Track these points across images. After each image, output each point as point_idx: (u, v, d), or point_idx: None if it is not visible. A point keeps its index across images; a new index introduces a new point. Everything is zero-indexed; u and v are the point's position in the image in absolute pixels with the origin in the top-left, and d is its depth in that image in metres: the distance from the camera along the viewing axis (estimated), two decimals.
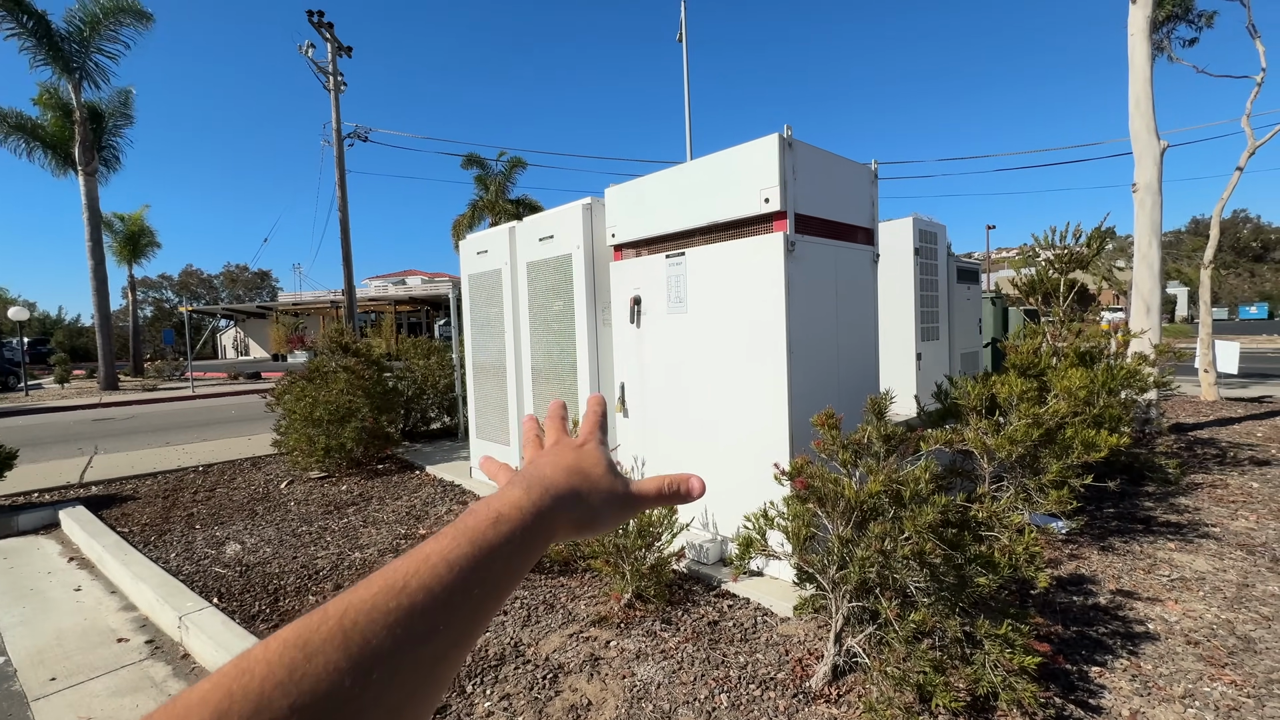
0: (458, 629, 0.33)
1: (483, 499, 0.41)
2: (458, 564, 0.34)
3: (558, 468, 0.46)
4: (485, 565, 0.35)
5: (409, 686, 0.30)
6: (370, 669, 0.28)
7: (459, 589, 0.33)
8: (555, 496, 0.43)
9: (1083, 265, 5.51)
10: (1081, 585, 3.15)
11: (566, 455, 0.49)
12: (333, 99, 17.67)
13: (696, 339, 3.54)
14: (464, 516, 0.38)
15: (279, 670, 0.26)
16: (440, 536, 0.36)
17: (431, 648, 0.31)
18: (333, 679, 0.27)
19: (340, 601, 0.30)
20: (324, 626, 0.28)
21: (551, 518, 0.41)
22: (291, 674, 0.26)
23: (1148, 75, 6.66)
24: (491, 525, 0.37)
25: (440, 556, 0.34)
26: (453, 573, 0.33)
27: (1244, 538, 3.67)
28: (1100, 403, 3.54)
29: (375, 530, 4.38)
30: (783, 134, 3.09)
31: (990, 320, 8.29)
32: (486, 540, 0.36)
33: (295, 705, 0.25)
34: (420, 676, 0.30)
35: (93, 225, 17.75)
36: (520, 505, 0.40)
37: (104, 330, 18.13)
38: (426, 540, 0.36)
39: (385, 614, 0.30)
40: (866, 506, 2.22)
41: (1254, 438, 6.26)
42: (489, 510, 0.39)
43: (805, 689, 2.31)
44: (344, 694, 0.27)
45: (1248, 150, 9.16)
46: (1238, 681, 2.32)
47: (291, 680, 0.26)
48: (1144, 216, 6.67)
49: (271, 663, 0.26)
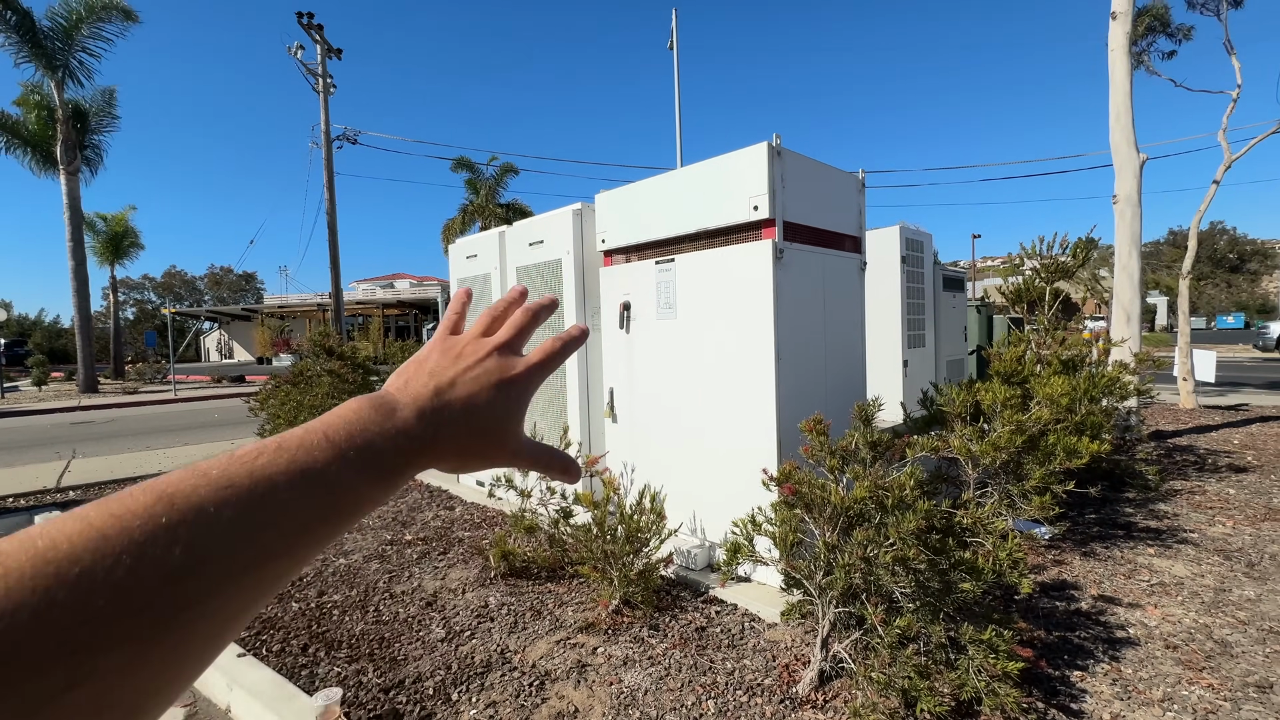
0: (252, 551, 0.29)
1: (327, 421, 0.35)
2: (259, 474, 0.30)
3: (427, 374, 0.41)
4: (301, 484, 0.31)
5: (189, 593, 0.26)
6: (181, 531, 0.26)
7: (252, 505, 0.29)
8: (420, 415, 0.38)
9: (1067, 275, 5.61)
10: (1064, 590, 3.18)
11: (444, 364, 0.42)
12: (322, 101, 17.57)
13: (685, 345, 3.55)
14: (290, 430, 0.34)
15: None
16: (247, 448, 0.32)
17: (213, 567, 0.27)
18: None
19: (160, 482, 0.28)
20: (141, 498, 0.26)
21: (403, 448, 0.37)
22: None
23: (1128, 90, 6.81)
24: (322, 442, 0.33)
25: (240, 463, 0.30)
26: (253, 484, 0.29)
27: (1221, 543, 3.73)
28: (1082, 410, 3.60)
29: (360, 536, 4.33)
30: (771, 143, 3.12)
31: (975, 328, 8.39)
32: (313, 458, 0.32)
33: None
34: (202, 588, 0.27)
35: (74, 225, 17.46)
36: (363, 422, 0.36)
37: (84, 332, 17.81)
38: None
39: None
40: (853, 512, 2.24)
41: (1231, 445, 6.38)
42: (319, 425, 0.35)
43: (792, 695, 2.31)
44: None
45: (1224, 164, 9.38)
46: (1215, 685, 2.36)
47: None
48: (1124, 227, 6.81)
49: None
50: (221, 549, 0.27)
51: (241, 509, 0.28)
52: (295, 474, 0.31)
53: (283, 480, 0.31)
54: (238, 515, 0.28)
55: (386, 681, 2.52)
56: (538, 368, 0.45)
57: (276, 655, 2.76)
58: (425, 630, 2.94)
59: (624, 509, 3.06)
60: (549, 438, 4.05)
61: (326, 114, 17.63)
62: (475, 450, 0.41)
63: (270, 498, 0.30)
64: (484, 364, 0.43)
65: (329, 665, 2.67)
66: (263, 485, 0.30)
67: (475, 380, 0.42)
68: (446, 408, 0.40)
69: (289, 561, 0.30)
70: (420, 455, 0.38)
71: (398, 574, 3.62)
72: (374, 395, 0.39)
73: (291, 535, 0.30)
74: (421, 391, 0.40)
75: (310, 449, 0.33)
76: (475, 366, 0.43)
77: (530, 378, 0.45)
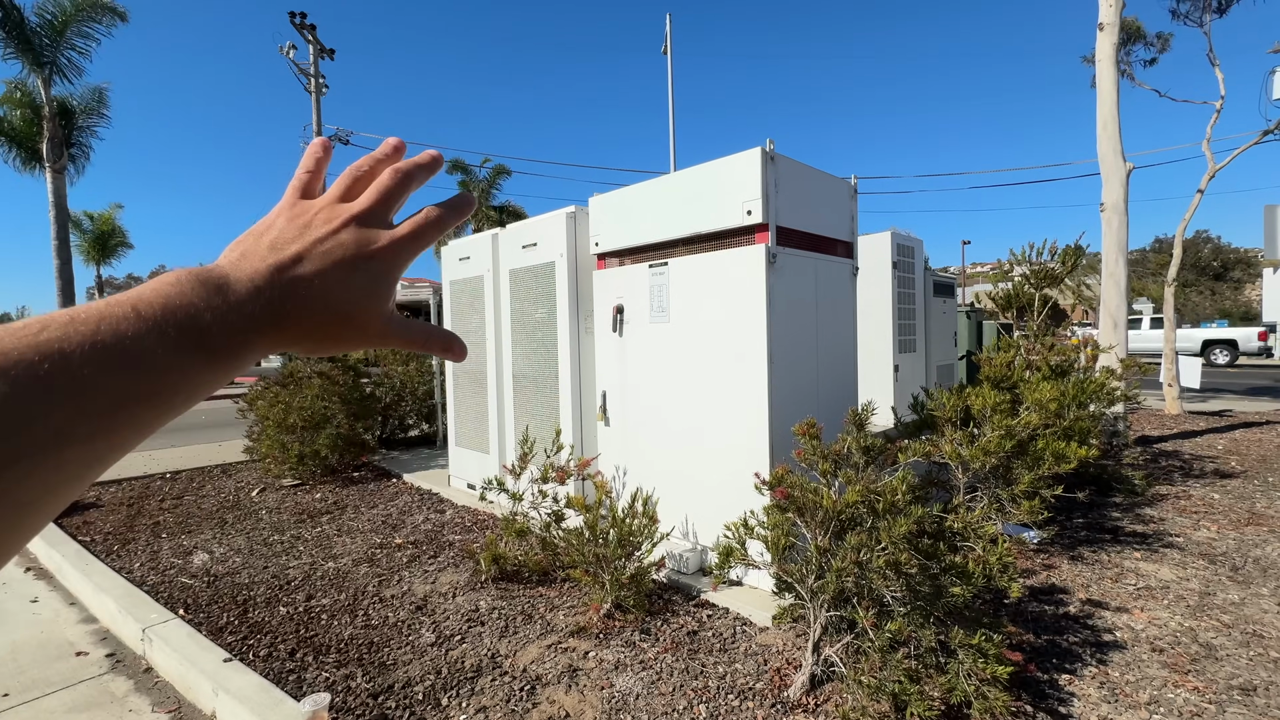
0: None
1: (138, 293, 0.31)
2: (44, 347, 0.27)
3: (266, 244, 0.36)
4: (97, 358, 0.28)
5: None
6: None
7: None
8: (253, 289, 0.34)
9: (1056, 281, 5.67)
10: (1053, 594, 3.21)
11: (288, 234, 0.37)
12: (314, 101, 17.48)
13: (678, 348, 3.55)
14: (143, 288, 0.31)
15: None
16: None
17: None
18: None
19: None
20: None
21: (236, 322, 0.33)
22: None
23: (1115, 100, 6.91)
24: (131, 317, 0.29)
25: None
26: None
27: (1206, 547, 3.78)
28: (1070, 415, 3.63)
29: (350, 539, 4.29)
30: (765, 148, 3.13)
31: (966, 333, 8.46)
32: (117, 330, 0.29)
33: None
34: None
35: (59, 224, 17.23)
36: (185, 296, 0.32)
37: None
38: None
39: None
40: (845, 516, 2.25)
41: (1215, 450, 6.46)
42: (129, 296, 0.31)
43: (783, 699, 2.31)
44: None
45: (1208, 173, 9.54)
46: (1200, 688, 2.38)
47: None
48: (1111, 235, 6.89)
49: None
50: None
51: (15, 385, 0.25)
52: (97, 350, 0.28)
53: (77, 356, 0.27)
54: (11, 392, 0.25)
55: (375, 686, 2.49)
56: (407, 240, 0.39)
57: (263, 660, 2.73)
58: (415, 635, 2.91)
59: (616, 512, 3.05)
60: (541, 440, 4.03)
61: (318, 114, 17.55)
62: (332, 334, 0.37)
63: (63, 375, 0.26)
64: (337, 236, 0.37)
65: (317, 670, 2.64)
66: (52, 361, 0.26)
67: (326, 255, 0.36)
68: (291, 287, 0.35)
69: (105, 445, 0.28)
70: (262, 337, 0.34)
71: (387, 578, 3.59)
72: (200, 269, 0.34)
73: (98, 416, 0.27)
74: (259, 267, 0.35)
75: (116, 322, 0.29)
76: (327, 239, 0.37)
77: (397, 254, 0.39)
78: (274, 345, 0.35)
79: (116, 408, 0.28)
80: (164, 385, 0.30)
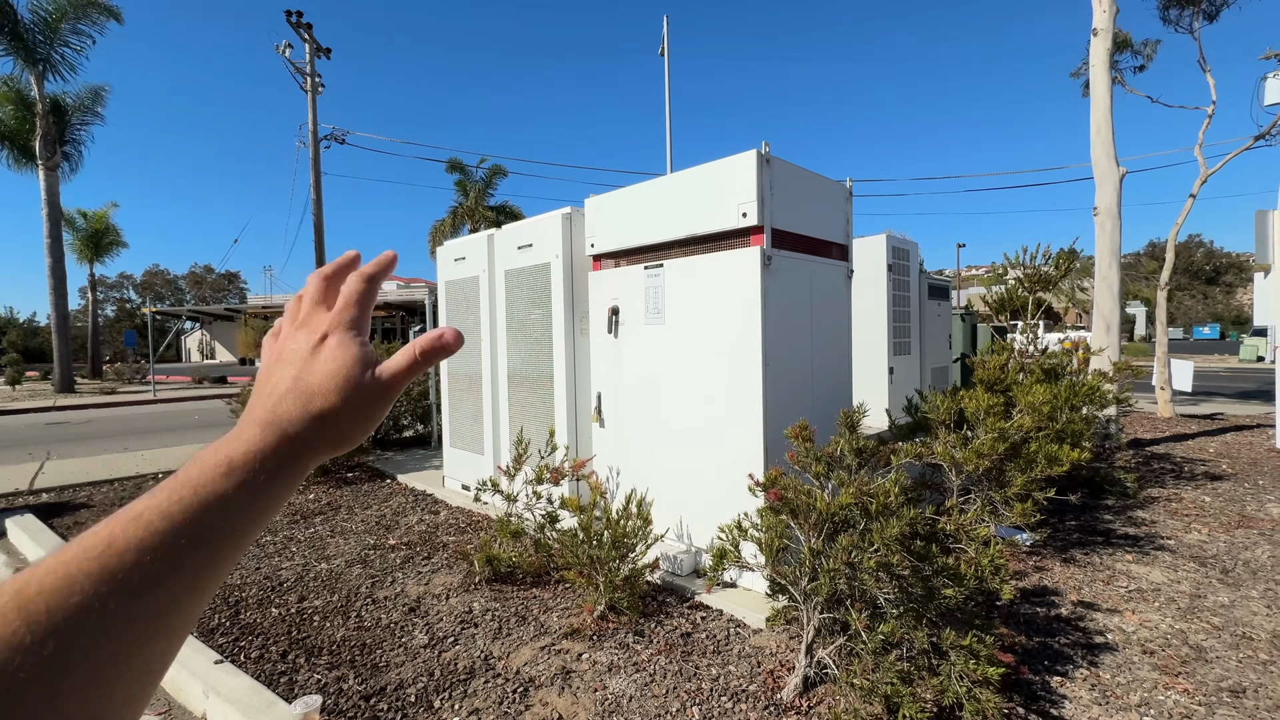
0: (186, 578, 0.32)
1: (214, 444, 0.37)
2: (178, 518, 0.33)
3: (294, 393, 0.40)
4: (216, 515, 0.34)
5: (126, 635, 0.30)
6: (51, 634, 0.27)
7: (179, 542, 0.32)
8: (294, 438, 0.39)
9: (1050, 285, 5.70)
10: (1045, 596, 3.22)
11: (300, 367, 0.41)
12: (309, 100, 17.42)
13: (673, 350, 3.55)
14: (189, 465, 0.36)
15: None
16: (158, 491, 0.34)
17: (150, 600, 0.31)
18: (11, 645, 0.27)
19: (24, 574, 0.29)
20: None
21: (294, 459, 0.38)
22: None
23: (1108, 105, 6.96)
24: (223, 476, 0.35)
25: (156, 512, 0.32)
26: (172, 526, 0.32)
27: (1197, 550, 3.80)
28: (1063, 418, 3.65)
29: (343, 540, 4.27)
30: (761, 150, 3.14)
31: (960, 336, 8.50)
32: (215, 491, 0.34)
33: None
34: (140, 626, 0.30)
35: (52, 221, 17.12)
36: (258, 452, 0.37)
37: (61, 330, 17.44)
38: (143, 495, 0.34)
39: (77, 578, 0.29)
40: (838, 518, 2.25)
41: (1207, 453, 6.51)
42: (218, 458, 0.36)
43: (776, 701, 2.31)
44: (29, 655, 0.27)
45: (1200, 178, 9.61)
46: (1190, 690, 2.40)
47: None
48: (1104, 239, 6.94)
49: None
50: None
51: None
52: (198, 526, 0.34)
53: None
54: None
55: (368, 689, 2.48)
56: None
57: (255, 662, 2.71)
58: (408, 636, 2.90)
59: (610, 514, 3.05)
60: (535, 441, 4.03)
61: (314, 113, 17.48)
62: (345, 445, 0.42)
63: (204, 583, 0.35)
64: (312, 368, 0.41)
65: (309, 672, 2.62)
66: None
67: (306, 393, 0.40)
68: (300, 435, 0.39)
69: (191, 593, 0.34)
70: (299, 472, 0.40)
71: (380, 579, 3.58)
72: (233, 459, 0.37)
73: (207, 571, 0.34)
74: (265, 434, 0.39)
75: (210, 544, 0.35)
76: (302, 375, 0.41)
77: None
78: (312, 464, 0.41)
79: (209, 567, 0.34)
80: (247, 535, 0.37)
